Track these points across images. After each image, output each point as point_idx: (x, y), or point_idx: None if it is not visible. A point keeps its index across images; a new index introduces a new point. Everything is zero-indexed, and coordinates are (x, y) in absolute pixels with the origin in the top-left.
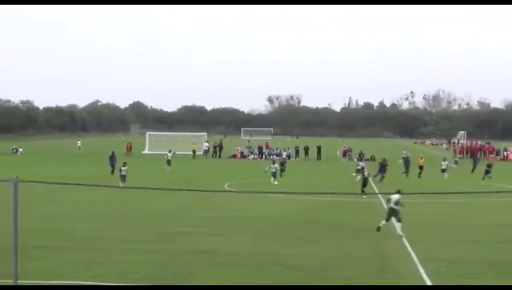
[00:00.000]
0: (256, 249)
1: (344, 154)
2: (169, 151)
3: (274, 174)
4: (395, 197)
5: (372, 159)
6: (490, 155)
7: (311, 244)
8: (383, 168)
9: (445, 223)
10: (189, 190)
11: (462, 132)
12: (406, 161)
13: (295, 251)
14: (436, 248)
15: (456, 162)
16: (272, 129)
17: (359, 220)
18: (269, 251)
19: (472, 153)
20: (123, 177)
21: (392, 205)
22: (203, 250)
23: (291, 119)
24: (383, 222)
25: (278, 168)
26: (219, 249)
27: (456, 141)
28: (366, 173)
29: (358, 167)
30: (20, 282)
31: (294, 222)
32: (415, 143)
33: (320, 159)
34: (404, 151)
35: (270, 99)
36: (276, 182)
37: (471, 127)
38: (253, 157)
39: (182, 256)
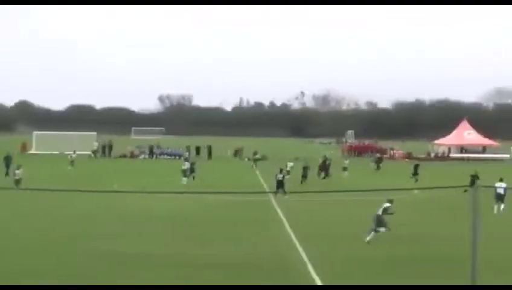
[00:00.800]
0: (160, 249)
1: (235, 153)
2: (74, 152)
3: (185, 174)
4: (384, 204)
5: (264, 158)
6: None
7: (220, 244)
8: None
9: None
10: (80, 191)
11: (350, 131)
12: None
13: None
14: (324, 245)
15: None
16: (163, 128)
17: (256, 218)
18: (179, 250)
19: (359, 152)
20: (18, 182)
21: (379, 212)
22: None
23: (182, 118)
24: (372, 233)
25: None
26: (120, 250)
27: (344, 140)
28: (280, 176)
29: (288, 169)
30: None
31: (192, 221)
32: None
33: (211, 158)
34: (326, 155)
35: (160, 99)
36: (185, 182)
37: (360, 127)
38: (144, 157)
39: (85, 259)
